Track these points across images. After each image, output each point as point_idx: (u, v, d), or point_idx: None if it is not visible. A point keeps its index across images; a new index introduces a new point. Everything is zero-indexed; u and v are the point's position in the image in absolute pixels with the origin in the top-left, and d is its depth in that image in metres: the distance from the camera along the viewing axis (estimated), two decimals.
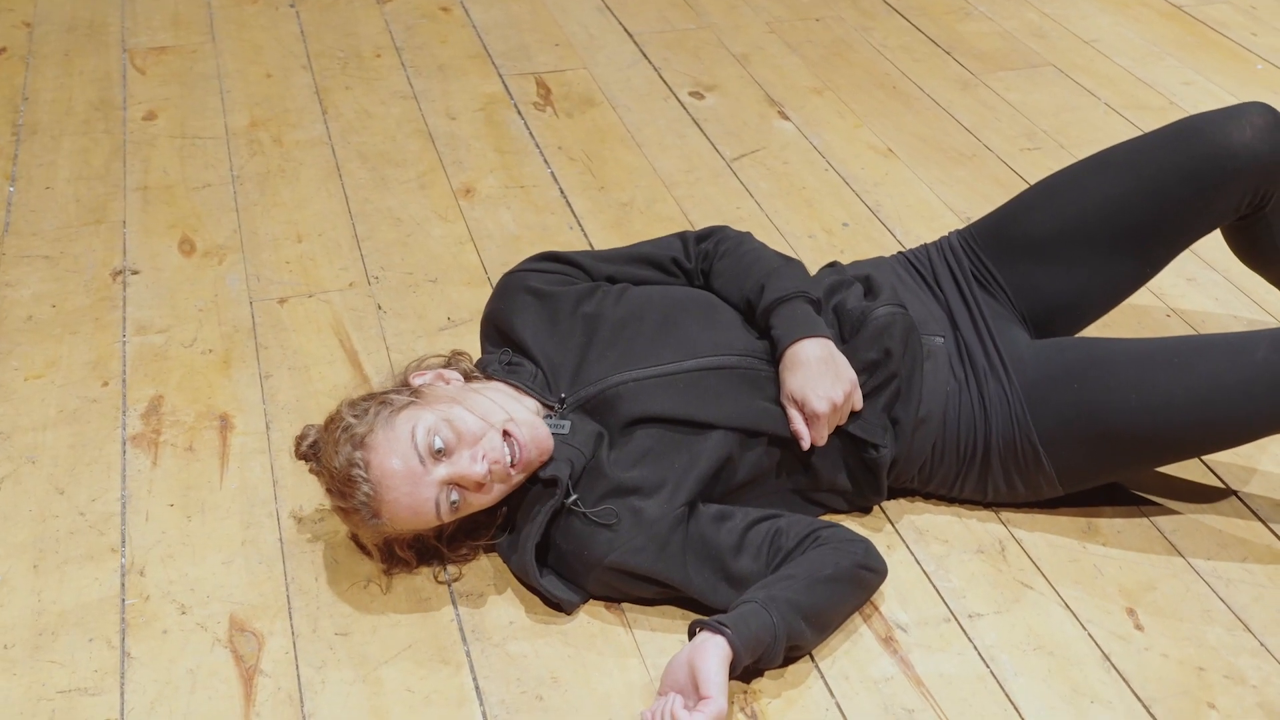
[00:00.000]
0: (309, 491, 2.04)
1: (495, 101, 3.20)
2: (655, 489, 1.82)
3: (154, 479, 2.09)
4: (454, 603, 1.87)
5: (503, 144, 3.03)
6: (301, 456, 1.87)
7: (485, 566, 1.93)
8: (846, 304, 1.99)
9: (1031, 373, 1.95)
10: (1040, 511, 2.02)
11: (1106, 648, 1.80)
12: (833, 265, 2.16)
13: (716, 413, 1.87)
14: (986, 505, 2.03)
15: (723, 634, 1.65)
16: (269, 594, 1.88)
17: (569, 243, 2.67)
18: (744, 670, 1.71)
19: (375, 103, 3.20)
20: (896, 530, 1.99)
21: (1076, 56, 3.43)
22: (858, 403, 1.90)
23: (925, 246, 2.19)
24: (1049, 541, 1.97)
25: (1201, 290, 2.52)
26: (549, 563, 1.85)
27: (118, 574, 1.92)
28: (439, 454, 1.74)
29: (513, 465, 1.77)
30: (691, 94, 3.24)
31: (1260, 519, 2.01)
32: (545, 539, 1.84)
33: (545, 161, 2.96)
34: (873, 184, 2.87)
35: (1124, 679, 1.76)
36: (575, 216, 2.76)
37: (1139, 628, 1.83)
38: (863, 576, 1.80)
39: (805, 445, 1.89)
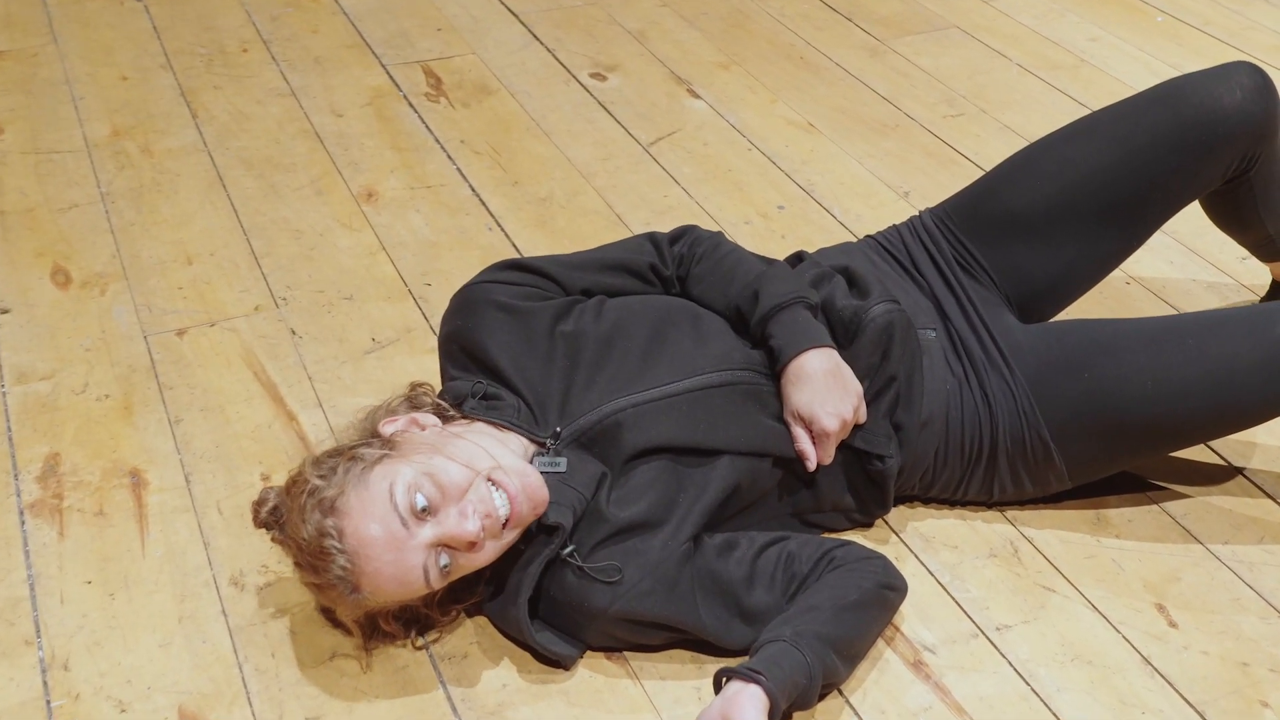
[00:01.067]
0: (248, 551, 1.81)
1: (383, 95, 2.95)
2: (658, 525, 1.63)
3: (63, 553, 1.82)
4: (436, 669, 1.66)
5: (399, 141, 2.79)
6: (262, 525, 1.63)
7: (465, 624, 1.72)
8: (835, 302, 1.82)
9: (1034, 363, 1.83)
10: (1046, 507, 1.89)
11: (1145, 650, 1.69)
12: (800, 256, 1.99)
13: (725, 437, 1.69)
14: (990, 505, 1.90)
15: (757, 682, 1.48)
16: (220, 678, 1.64)
17: (491, 246, 2.46)
18: None
19: (250, 102, 2.92)
20: (901, 539, 1.85)
21: (978, 17, 3.33)
22: (862, 415, 1.74)
23: (895, 229, 2.04)
24: (1061, 538, 1.85)
25: (1156, 255, 2.43)
26: (540, 615, 1.65)
27: (37, 670, 1.65)
28: (423, 513, 1.52)
29: (505, 523, 1.56)
30: (593, 76, 3.04)
31: (1269, 496, 1.93)
32: (535, 590, 1.64)
33: (449, 157, 2.73)
34: (800, 162, 2.72)
35: (1170, 683, 1.64)
36: (492, 216, 2.55)
37: (1173, 625, 1.72)
38: (887, 597, 1.65)
39: (811, 466, 1.73)
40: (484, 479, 1.55)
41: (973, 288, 1.93)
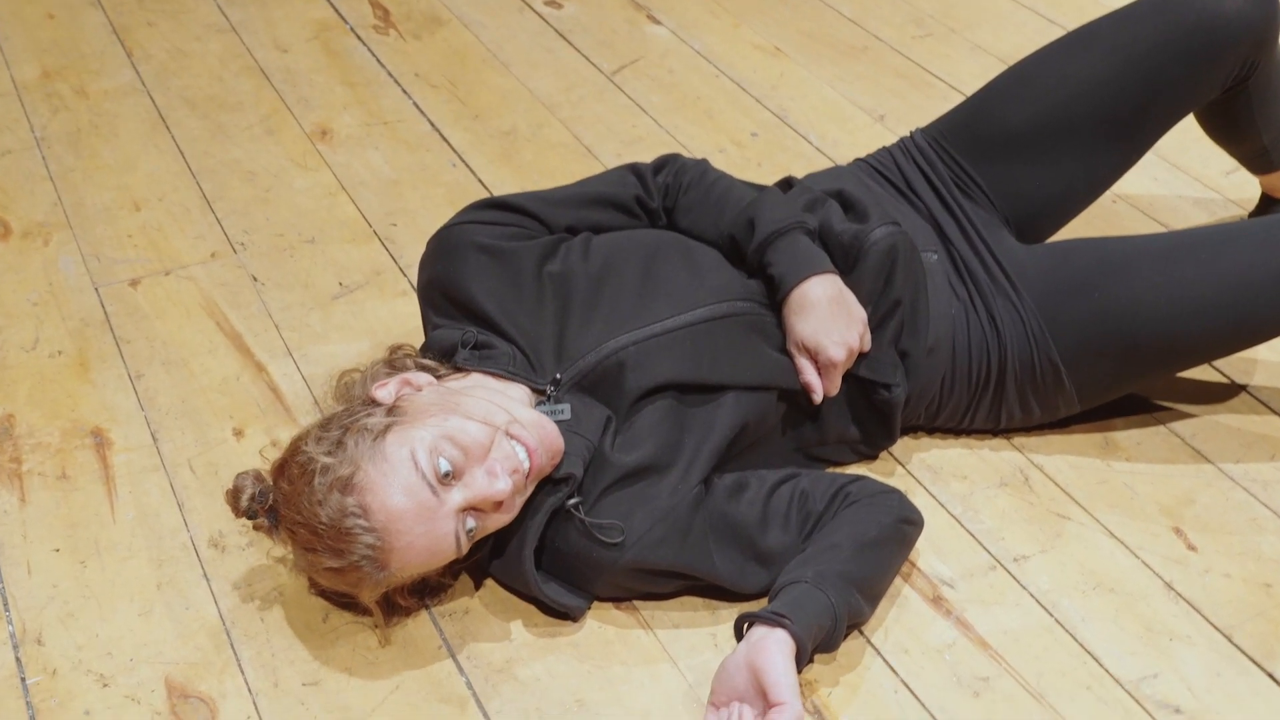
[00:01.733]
0: (226, 511, 1.69)
1: (328, 28, 2.81)
2: (666, 468, 1.55)
3: (27, 520, 1.70)
4: (437, 626, 1.57)
5: (350, 75, 2.66)
6: (246, 514, 1.51)
7: (461, 579, 1.63)
8: (833, 227, 1.74)
9: (1041, 285, 1.76)
10: (1052, 433, 1.84)
11: (1167, 576, 1.64)
12: (789, 181, 1.91)
13: (729, 371, 1.61)
14: (996, 433, 1.84)
15: (783, 626, 1.41)
16: (207, 647, 1.55)
17: (456, 183, 2.35)
18: None
19: (188, 39, 2.77)
20: (909, 471, 1.79)
21: None
22: (868, 343, 1.67)
23: (887, 151, 1.96)
24: (1071, 464, 1.80)
25: (1142, 173, 2.37)
26: (545, 566, 1.56)
27: (8, 646, 1.55)
28: (447, 478, 1.42)
29: (527, 474, 1.47)
30: (548, 4, 2.91)
31: (1275, 412, 1.88)
32: (540, 541, 1.55)
33: (404, 92, 2.61)
34: (770, 88, 2.63)
35: (1195, 608, 1.60)
36: (455, 152, 2.43)
37: (1192, 548, 1.68)
38: (905, 532, 1.59)
39: (818, 399, 1.66)
40: (504, 434, 1.46)
41: (971, 209, 1.86)
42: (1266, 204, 2.22)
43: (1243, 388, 1.93)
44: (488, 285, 1.63)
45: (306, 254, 2.17)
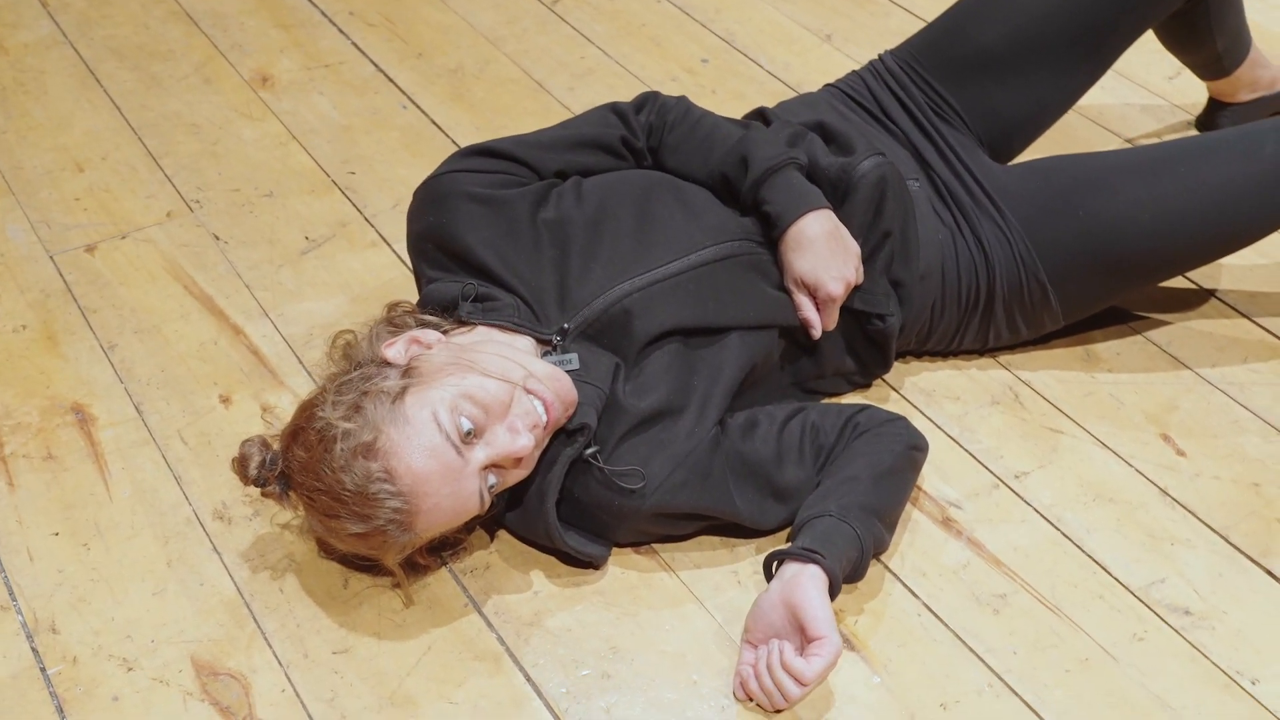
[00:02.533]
0: (226, 481, 1.67)
1: None
2: (679, 411, 1.55)
3: (19, 505, 1.65)
4: (461, 584, 1.57)
5: (282, 17, 2.57)
6: (255, 483, 1.47)
7: (477, 535, 1.63)
8: (819, 161, 1.74)
9: (1024, 205, 1.78)
10: (1036, 349, 1.88)
11: (1161, 482, 1.69)
12: (762, 114, 1.90)
13: (733, 313, 1.62)
14: (983, 353, 1.87)
15: (815, 561, 1.43)
16: (229, 622, 1.52)
17: (410, 126, 2.30)
18: None
19: None
20: (903, 396, 1.81)
21: None
22: (862, 276, 1.68)
23: (858, 76, 1.96)
24: (1057, 378, 1.84)
25: None
26: (564, 517, 1.56)
27: (21, 637, 1.51)
28: (470, 436, 1.41)
29: (545, 428, 1.46)
30: None
31: (1244, 315, 1.94)
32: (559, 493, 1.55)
33: (341, 31, 2.53)
34: (714, 11, 2.60)
35: (1191, 512, 1.66)
36: (404, 93, 2.38)
37: (1181, 453, 1.73)
38: (915, 458, 1.61)
39: (817, 334, 1.67)
40: (521, 390, 1.45)
41: (948, 132, 1.87)
42: (1214, 107, 2.27)
43: (1211, 293, 1.98)
44: (483, 235, 1.60)
45: (266, 208, 2.12)
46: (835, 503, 1.51)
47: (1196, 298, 1.97)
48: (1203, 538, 1.63)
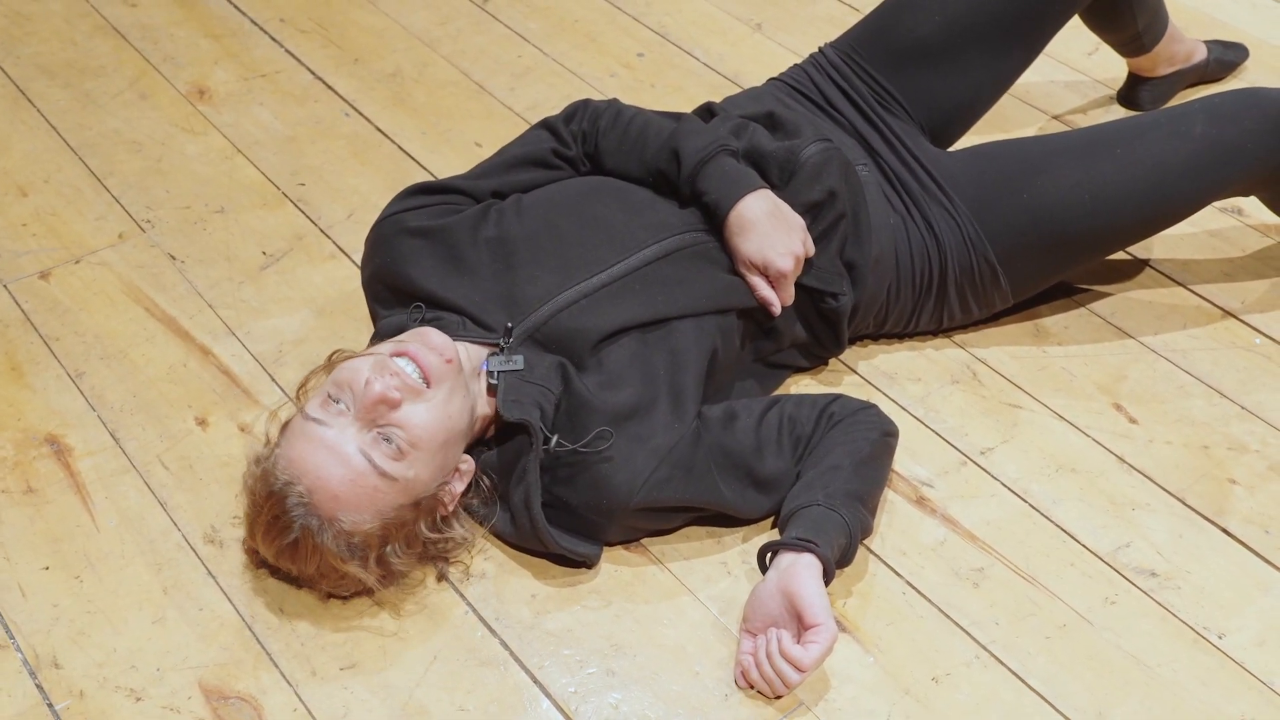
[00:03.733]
0: (212, 503, 1.68)
1: None
2: (651, 403, 1.60)
3: (5, 541, 1.64)
4: (459, 593, 1.60)
5: (211, 26, 2.55)
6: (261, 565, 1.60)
7: (471, 545, 1.65)
8: (763, 146, 1.80)
9: (971, 189, 1.85)
10: (987, 326, 1.95)
11: (1117, 450, 1.78)
12: (709, 109, 1.94)
13: (686, 302, 1.67)
14: (938, 333, 1.94)
15: (809, 550, 1.49)
16: (233, 644, 1.54)
17: (356, 134, 2.30)
18: None
19: (24, 0, 2.60)
20: (866, 380, 1.87)
21: None
22: (810, 248, 1.73)
23: (801, 69, 2.01)
24: (1010, 354, 1.92)
25: None
26: (554, 522, 1.60)
27: (25, 675, 1.51)
28: (340, 409, 1.50)
29: (426, 382, 1.52)
30: None
31: (1178, 282, 2.04)
32: (550, 499, 1.58)
33: (274, 40, 2.52)
34: (645, 5, 2.64)
35: (1148, 478, 1.74)
36: (345, 100, 2.38)
37: (1133, 421, 1.82)
38: (890, 444, 1.68)
39: (777, 311, 1.73)
40: (386, 357, 1.53)
41: (892, 121, 1.93)
42: (1134, 82, 2.37)
43: (1145, 263, 2.07)
44: (425, 266, 1.68)
45: (220, 225, 2.11)
46: (821, 492, 1.56)
47: (1133, 268, 2.06)
48: (1161, 501, 1.72)
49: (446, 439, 1.53)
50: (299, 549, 1.49)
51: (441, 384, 1.53)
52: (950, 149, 2.04)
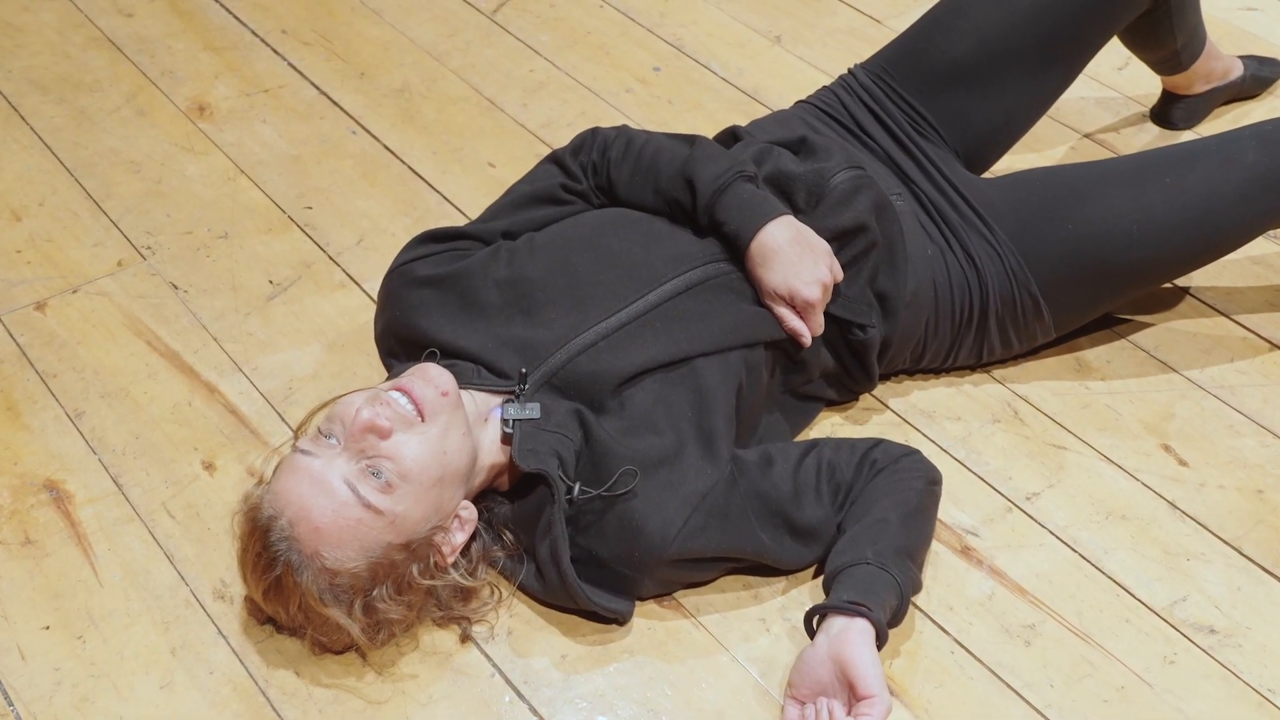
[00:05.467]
0: (221, 555, 1.60)
1: None
2: (679, 451, 1.52)
3: (3, 599, 1.56)
4: (485, 653, 1.52)
5: (211, 38, 2.45)
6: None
7: (491, 601, 1.57)
8: (789, 169, 1.72)
9: (1012, 218, 1.77)
10: (1026, 360, 1.87)
11: (1169, 495, 1.70)
12: (734, 133, 1.86)
13: (710, 339, 1.59)
14: (975, 368, 1.86)
15: (862, 615, 1.41)
16: (246, 714, 1.45)
17: (364, 153, 2.21)
18: None
19: (15, 10, 2.51)
20: (903, 418, 1.80)
21: None
22: (838, 272, 1.66)
23: (830, 91, 1.93)
24: (1052, 391, 1.84)
25: None
26: (583, 577, 1.52)
27: None
28: (330, 443, 1.44)
29: (418, 412, 1.45)
30: None
31: (1221, 313, 1.96)
32: (581, 553, 1.50)
33: (276, 52, 2.43)
34: (659, 16, 2.55)
35: (1201, 525, 1.67)
36: (351, 117, 2.29)
37: (1183, 464, 1.74)
38: (936, 493, 1.60)
39: (807, 342, 1.65)
40: (381, 390, 1.47)
41: (927, 147, 1.85)
42: (1168, 99, 2.29)
43: (1185, 291, 2.00)
44: (436, 316, 1.61)
45: (224, 251, 2.02)
46: (870, 548, 1.48)
47: (1173, 297, 1.98)
48: (1216, 551, 1.64)
49: (441, 476, 1.45)
50: (282, 588, 1.42)
51: (436, 417, 1.45)
52: (985, 174, 1.97)
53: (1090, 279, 1.76)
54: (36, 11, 2.51)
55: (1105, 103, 2.37)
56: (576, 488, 1.48)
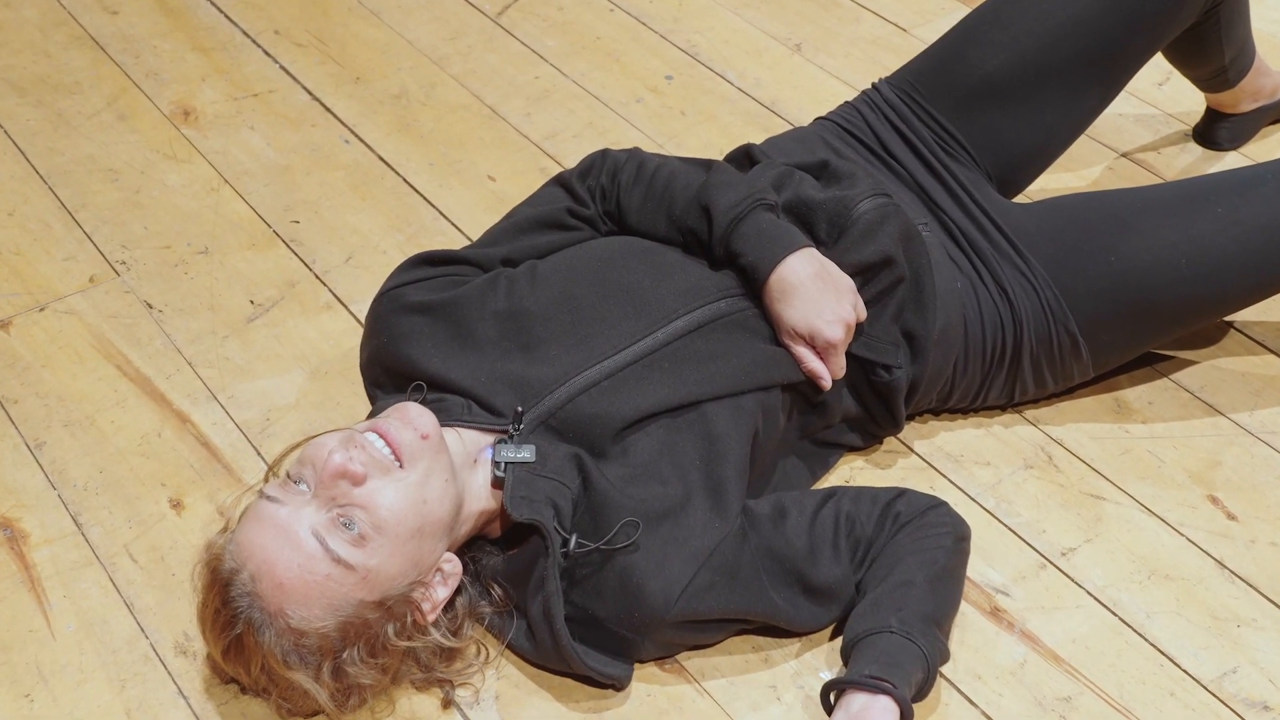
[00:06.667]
0: (186, 606, 1.47)
1: None
2: (685, 503, 1.39)
3: None
4: (466, 717, 1.39)
5: (199, 39, 2.33)
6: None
7: (474, 659, 1.44)
8: (811, 196, 1.59)
9: (1049, 249, 1.64)
10: (1061, 399, 1.74)
11: (1216, 553, 1.57)
12: (748, 153, 1.73)
13: (722, 381, 1.46)
14: (1005, 408, 1.73)
15: (886, 692, 1.28)
16: None
17: (356, 164, 2.08)
18: None
19: None
20: (928, 463, 1.66)
21: None
22: (862, 311, 1.53)
23: (852, 107, 1.80)
24: (1089, 435, 1.70)
25: None
26: (578, 637, 1.39)
27: None
28: (302, 493, 1.32)
29: (395, 456, 1.32)
30: None
31: (1270, 350, 1.82)
32: (575, 611, 1.37)
33: (267, 54, 2.30)
34: (673, 20, 2.42)
35: (1253, 586, 1.53)
36: (344, 125, 2.16)
37: (1232, 517, 1.61)
38: (964, 550, 1.47)
39: (827, 385, 1.52)
40: (356, 433, 1.34)
41: (957, 169, 1.72)
42: (1213, 118, 2.15)
43: (1231, 326, 1.86)
44: (426, 346, 1.48)
45: (203, 268, 1.89)
46: (894, 615, 1.35)
47: (1219, 332, 1.85)
48: (1269, 616, 1.51)
49: (420, 527, 1.33)
50: (243, 647, 1.30)
51: (415, 463, 1.33)
52: (1016, 199, 1.83)
53: (1134, 316, 1.63)
54: (17, 8, 2.38)
55: (1144, 120, 2.23)
56: (573, 540, 1.35)
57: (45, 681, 1.40)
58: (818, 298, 1.49)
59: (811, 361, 1.51)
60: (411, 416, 1.35)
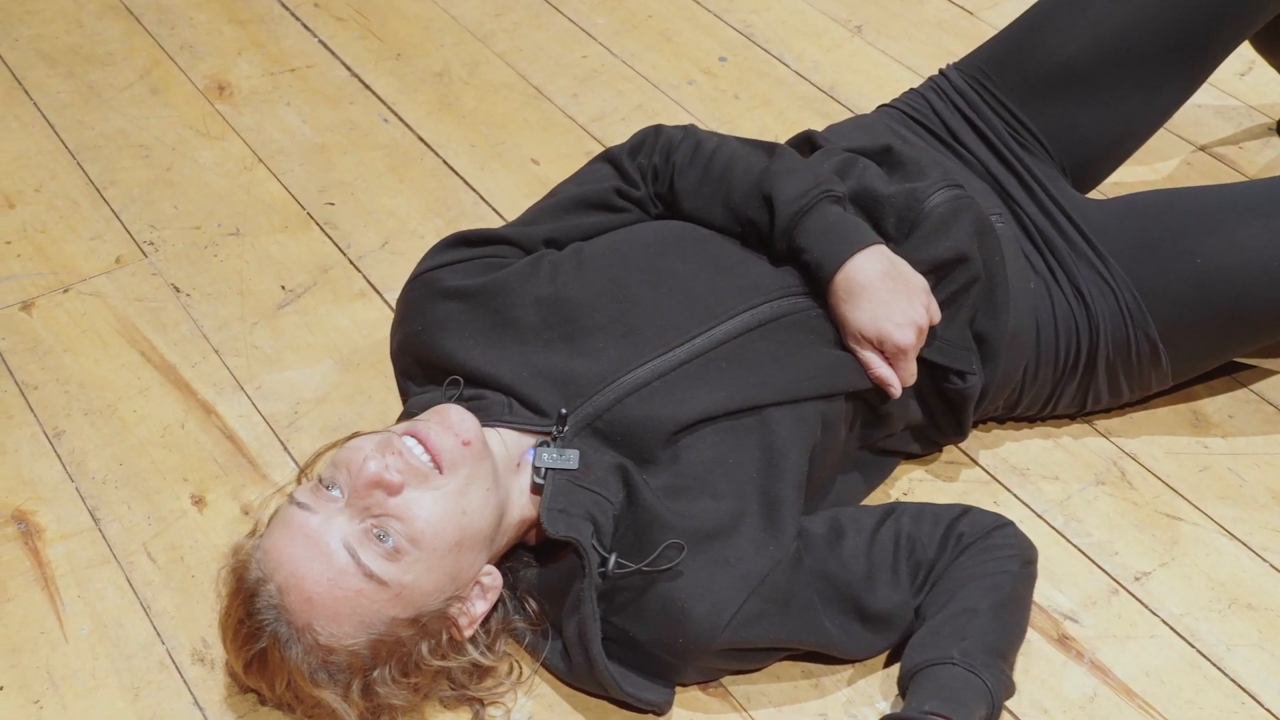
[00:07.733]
0: (206, 610, 1.39)
1: None
2: (737, 520, 1.30)
3: None
4: None
5: (236, 11, 2.25)
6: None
7: (507, 681, 1.36)
8: (876, 189, 1.48)
9: (1129, 249, 1.53)
10: (1134, 410, 1.63)
11: None
12: (809, 139, 1.63)
13: (784, 385, 1.36)
14: (1075, 417, 1.62)
15: None
16: None
17: (394, 143, 2.00)
18: None
19: None
20: (993, 476, 1.56)
21: None
22: (936, 314, 1.42)
23: (919, 94, 1.69)
24: (1165, 449, 1.60)
25: None
26: (616, 658, 1.30)
27: None
28: (335, 500, 1.24)
29: (435, 463, 1.24)
30: None
31: None
32: (614, 632, 1.29)
33: (306, 28, 2.22)
34: (728, 0, 2.32)
35: None
36: (383, 103, 2.07)
37: None
38: (1032, 574, 1.37)
39: (896, 393, 1.42)
40: (394, 437, 1.26)
41: (1031, 162, 1.61)
42: None
43: None
44: (464, 336, 1.39)
45: (233, 250, 1.82)
46: (956, 645, 1.25)
47: None
48: None
49: (459, 540, 1.24)
50: (267, 663, 1.22)
51: (456, 470, 1.24)
52: (1090, 194, 1.72)
53: (1219, 322, 1.52)
54: None
55: (1225, 112, 2.11)
56: (612, 560, 1.26)
57: (56, 687, 1.33)
58: (887, 299, 1.39)
59: (879, 368, 1.41)
60: (453, 420, 1.26)
